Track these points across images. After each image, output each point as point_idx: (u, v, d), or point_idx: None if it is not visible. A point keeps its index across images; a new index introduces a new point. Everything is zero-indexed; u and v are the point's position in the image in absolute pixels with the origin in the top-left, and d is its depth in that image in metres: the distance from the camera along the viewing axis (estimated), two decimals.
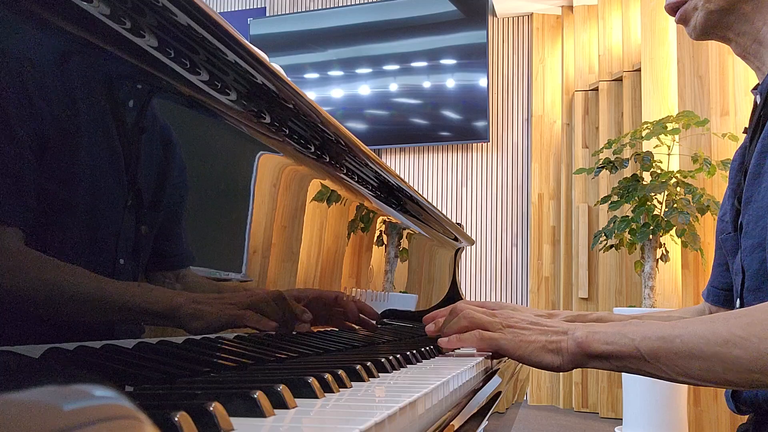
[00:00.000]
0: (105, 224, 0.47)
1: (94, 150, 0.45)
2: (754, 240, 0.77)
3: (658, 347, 0.65)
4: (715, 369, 0.62)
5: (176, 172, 0.56)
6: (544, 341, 0.72)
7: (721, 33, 0.82)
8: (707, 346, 0.62)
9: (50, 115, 0.41)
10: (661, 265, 3.03)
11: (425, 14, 4.50)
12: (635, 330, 0.68)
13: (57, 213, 0.42)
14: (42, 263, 0.40)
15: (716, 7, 0.79)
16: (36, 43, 0.40)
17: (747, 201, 0.79)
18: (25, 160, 0.39)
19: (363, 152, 0.89)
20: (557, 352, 0.71)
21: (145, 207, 0.51)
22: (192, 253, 0.59)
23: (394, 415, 0.37)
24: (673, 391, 2.73)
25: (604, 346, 0.68)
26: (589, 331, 0.70)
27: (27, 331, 0.40)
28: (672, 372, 0.65)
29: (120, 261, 0.48)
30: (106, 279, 0.47)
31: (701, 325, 0.64)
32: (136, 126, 0.50)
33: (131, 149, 0.50)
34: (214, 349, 0.60)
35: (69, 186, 0.43)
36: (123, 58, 0.48)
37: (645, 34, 3.38)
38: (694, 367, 0.63)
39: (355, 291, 1.06)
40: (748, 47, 0.81)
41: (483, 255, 4.32)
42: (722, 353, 0.61)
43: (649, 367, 0.66)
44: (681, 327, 0.65)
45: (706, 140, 2.96)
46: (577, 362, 0.71)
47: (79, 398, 0.18)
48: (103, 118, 0.47)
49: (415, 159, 4.55)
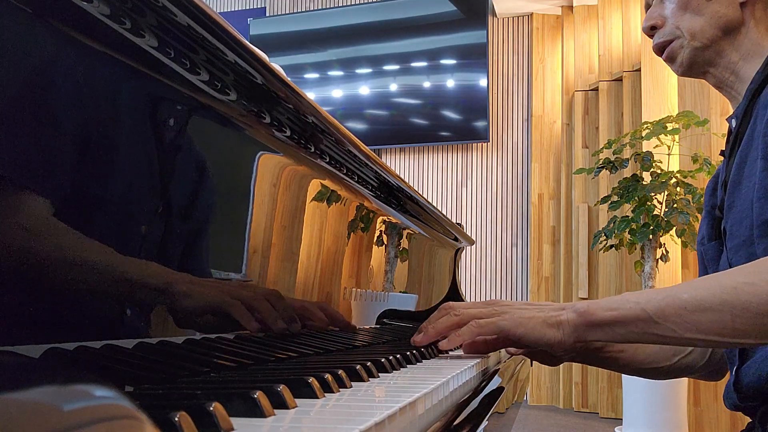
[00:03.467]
0: (102, 224, 0.47)
1: (93, 150, 0.45)
2: (740, 239, 0.80)
3: (666, 305, 0.66)
4: (724, 319, 0.63)
5: (176, 172, 0.56)
6: (543, 316, 0.73)
7: (703, 68, 0.90)
8: (716, 297, 0.63)
9: (49, 115, 0.41)
10: (661, 265, 3.03)
11: (425, 14, 4.50)
12: (638, 294, 0.69)
13: (53, 212, 0.42)
14: (41, 263, 0.40)
15: (700, 44, 0.87)
16: (35, 43, 0.40)
17: (729, 207, 0.83)
18: (24, 157, 0.39)
19: (363, 152, 0.89)
20: (557, 326, 0.72)
21: (144, 207, 0.51)
22: (192, 253, 0.59)
23: (394, 415, 0.37)
24: (673, 391, 2.73)
25: (608, 312, 0.69)
26: (590, 301, 0.72)
27: (27, 331, 0.40)
28: (681, 329, 0.65)
29: (117, 260, 0.48)
30: (102, 278, 0.47)
31: (706, 281, 0.66)
32: (135, 126, 0.50)
33: (131, 149, 0.50)
34: (214, 349, 0.60)
35: (66, 186, 0.43)
36: (123, 59, 0.48)
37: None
38: (703, 320, 0.64)
39: (355, 291, 1.06)
40: (726, 79, 0.89)
41: (483, 255, 4.32)
42: (731, 300, 0.62)
43: (657, 328, 0.67)
44: (685, 285, 0.68)
45: (706, 140, 2.96)
46: (578, 334, 0.71)
47: (79, 398, 0.18)
48: (103, 118, 0.47)
49: (415, 159, 4.55)
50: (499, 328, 0.75)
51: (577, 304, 0.73)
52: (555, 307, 0.75)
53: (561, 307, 0.74)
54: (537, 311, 0.75)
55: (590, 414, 3.67)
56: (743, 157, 0.82)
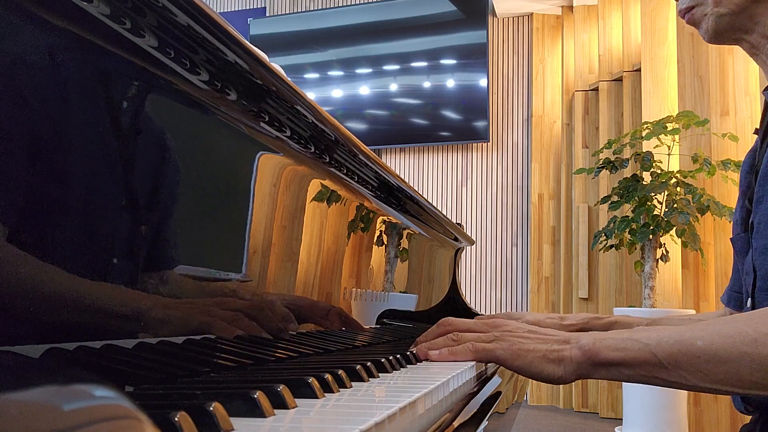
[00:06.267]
0: (103, 224, 0.47)
1: (92, 150, 0.45)
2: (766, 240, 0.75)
3: (678, 350, 0.61)
4: (741, 371, 0.58)
5: (176, 172, 0.56)
6: (544, 350, 0.67)
7: (735, 35, 0.83)
8: (733, 347, 0.58)
9: (49, 114, 0.41)
10: (661, 265, 3.03)
11: (425, 14, 4.50)
12: (647, 335, 0.64)
13: (53, 213, 0.42)
14: (41, 262, 0.40)
15: (727, 10, 0.80)
16: (35, 43, 0.40)
17: (758, 201, 0.78)
18: (20, 159, 0.39)
19: (363, 152, 0.89)
20: (559, 362, 0.67)
21: (144, 207, 0.51)
22: (192, 253, 0.59)
23: (394, 415, 0.37)
24: (673, 391, 2.72)
25: (615, 353, 0.64)
26: (596, 338, 0.66)
27: (27, 331, 0.40)
28: (693, 377, 0.61)
29: (117, 260, 0.48)
30: (102, 278, 0.46)
31: (722, 326, 0.61)
32: (135, 126, 0.50)
33: (131, 149, 0.50)
34: (214, 349, 0.60)
35: (66, 185, 0.43)
36: (123, 58, 0.48)
37: (645, 34, 3.38)
38: (719, 371, 0.59)
39: (355, 291, 1.06)
40: (759, 45, 0.82)
41: (483, 255, 4.32)
42: (750, 353, 0.58)
43: (666, 374, 0.62)
44: (699, 329, 0.62)
45: (706, 140, 2.96)
46: (581, 372, 0.66)
47: (79, 398, 0.18)
48: (103, 118, 0.47)
49: (415, 159, 4.55)
50: (495, 357, 0.70)
51: (582, 339, 0.67)
52: (559, 339, 0.69)
53: (565, 340, 0.68)
54: (538, 342, 0.69)
55: (590, 414, 3.67)
56: None
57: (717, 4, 0.80)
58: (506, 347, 0.69)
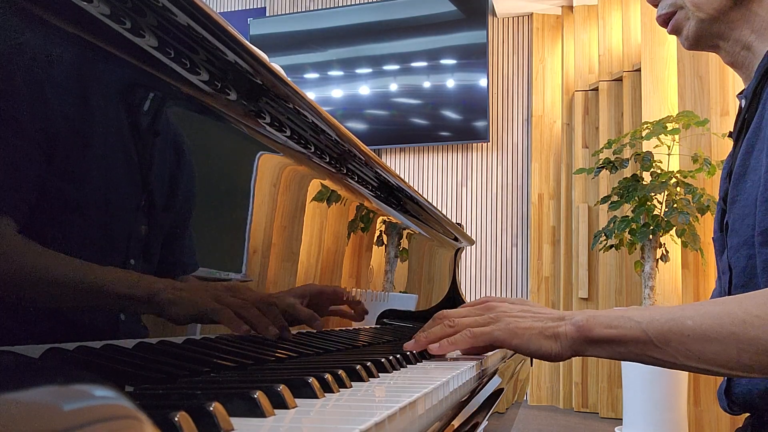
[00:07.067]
0: (103, 224, 0.47)
1: (91, 150, 0.45)
2: (741, 238, 0.76)
3: (668, 329, 0.62)
4: (729, 351, 0.59)
5: (176, 172, 0.56)
6: (540, 327, 0.69)
7: (712, 42, 0.83)
8: (722, 327, 0.60)
9: (48, 114, 0.41)
10: (661, 265, 3.03)
11: (425, 14, 4.50)
12: (640, 313, 0.65)
13: (53, 213, 0.42)
14: (41, 262, 0.40)
15: (706, 15, 0.80)
16: (35, 43, 0.40)
17: (732, 201, 0.79)
18: (23, 158, 0.39)
19: (363, 152, 0.89)
20: (555, 338, 0.68)
21: (144, 206, 0.51)
22: (192, 253, 0.59)
23: (394, 415, 0.37)
24: (673, 391, 2.73)
25: (607, 330, 0.65)
26: (590, 315, 0.68)
27: (27, 331, 0.40)
28: (681, 356, 0.62)
29: (116, 260, 0.48)
30: (102, 278, 0.46)
31: (713, 307, 0.62)
32: (135, 126, 0.50)
33: (130, 149, 0.50)
34: (214, 349, 0.60)
35: (67, 185, 0.43)
36: (123, 59, 0.48)
37: (645, 34, 3.38)
38: (707, 350, 0.60)
39: (355, 291, 1.06)
40: (737, 54, 0.82)
41: (483, 255, 4.32)
42: (738, 334, 0.59)
43: (657, 352, 0.63)
44: (690, 308, 0.63)
45: (706, 140, 2.96)
46: (576, 348, 0.68)
47: (79, 398, 0.18)
48: (103, 118, 0.47)
49: (415, 159, 4.55)
50: (494, 338, 0.71)
51: (576, 315, 0.68)
52: (553, 316, 0.70)
53: (560, 317, 0.70)
54: (534, 320, 0.70)
55: (590, 414, 3.67)
56: (750, 145, 0.77)
57: (697, 8, 0.80)
58: (503, 327, 0.71)
